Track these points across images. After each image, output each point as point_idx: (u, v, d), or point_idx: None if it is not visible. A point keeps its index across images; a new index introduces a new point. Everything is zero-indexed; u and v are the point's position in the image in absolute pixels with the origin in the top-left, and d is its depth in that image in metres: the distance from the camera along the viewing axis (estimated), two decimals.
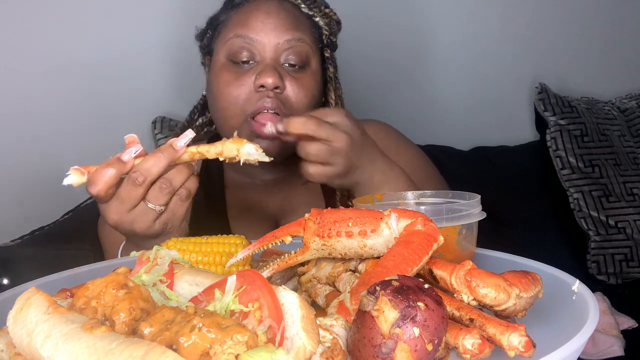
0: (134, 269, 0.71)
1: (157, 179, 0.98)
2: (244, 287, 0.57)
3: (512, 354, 0.58)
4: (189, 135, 0.97)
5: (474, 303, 0.65)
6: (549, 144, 2.24)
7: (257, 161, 0.98)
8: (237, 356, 0.47)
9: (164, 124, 2.05)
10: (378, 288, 0.55)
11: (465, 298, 0.65)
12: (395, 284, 0.56)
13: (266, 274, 0.79)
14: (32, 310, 0.54)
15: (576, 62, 2.60)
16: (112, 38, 2.06)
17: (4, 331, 0.61)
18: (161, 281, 0.67)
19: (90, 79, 2.04)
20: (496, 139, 2.42)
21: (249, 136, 1.25)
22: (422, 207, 0.89)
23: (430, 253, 0.68)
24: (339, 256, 0.75)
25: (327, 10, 1.42)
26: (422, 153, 1.60)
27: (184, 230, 1.07)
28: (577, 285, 0.75)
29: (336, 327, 0.59)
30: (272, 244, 0.80)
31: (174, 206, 1.01)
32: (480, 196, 0.93)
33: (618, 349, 1.62)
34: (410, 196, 1.02)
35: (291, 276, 0.87)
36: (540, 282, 0.69)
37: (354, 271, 0.77)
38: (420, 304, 0.54)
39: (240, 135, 1.17)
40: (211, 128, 1.55)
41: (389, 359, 0.53)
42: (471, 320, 0.62)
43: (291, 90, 1.28)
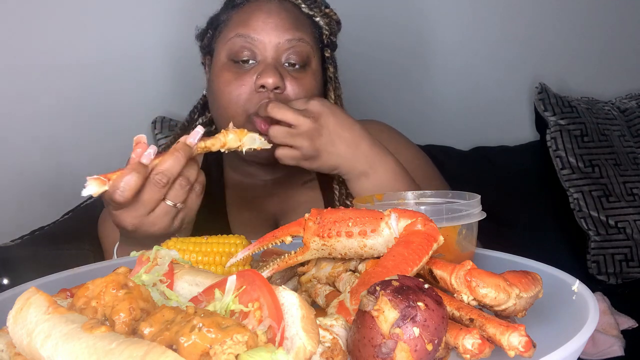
0: (134, 269, 0.71)
1: (177, 178, 1.00)
2: (244, 287, 0.57)
3: (512, 354, 0.58)
4: (200, 132, 1.01)
5: (474, 303, 0.65)
6: (549, 144, 2.23)
7: (259, 148, 1.05)
8: (237, 356, 0.47)
9: (164, 124, 2.05)
10: (378, 288, 0.55)
11: (465, 298, 0.65)
12: (395, 284, 0.56)
13: (266, 274, 0.79)
14: (32, 310, 0.54)
15: (576, 62, 2.60)
16: (112, 38, 2.06)
17: (4, 331, 0.61)
18: (161, 281, 0.67)
19: (90, 79, 2.04)
20: (496, 139, 2.42)
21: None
22: (422, 207, 0.89)
23: (430, 253, 0.68)
24: (339, 256, 0.75)
25: (327, 10, 1.42)
26: (422, 153, 1.60)
27: (191, 226, 1.10)
28: (577, 285, 0.75)
29: (336, 327, 0.59)
30: (272, 244, 0.80)
31: (190, 202, 1.04)
32: (480, 196, 0.93)
33: (618, 349, 1.62)
34: (410, 196, 1.02)
35: (291, 276, 0.87)
36: (540, 282, 0.69)
37: (354, 271, 0.77)
38: (420, 304, 0.54)
39: None
40: (211, 128, 1.55)
41: (389, 359, 0.53)
42: (471, 320, 0.62)
43: (292, 90, 1.28)
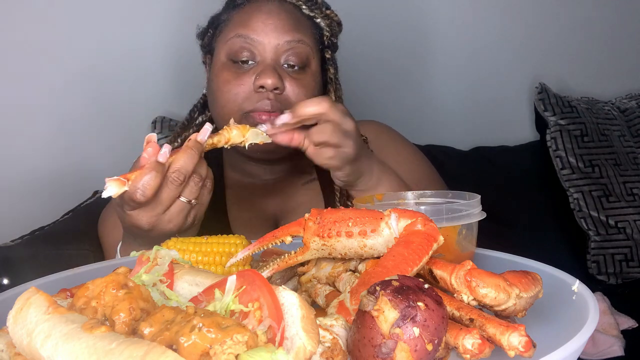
0: (134, 269, 0.71)
1: (191, 175, 1.01)
2: (244, 287, 0.56)
3: (512, 354, 0.58)
4: (209, 129, 1.03)
5: (474, 303, 0.65)
6: (549, 144, 2.23)
7: (262, 143, 1.07)
8: (237, 356, 0.47)
9: (164, 124, 2.05)
10: (378, 288, 0.55)
11: (465, 298, 0.65)
12: (395, 284, 0.56)
13: (266, 274, 0.79)
14: (32, 310, 0.54)
15: (576, 62, 2.60)
16: (112, 38, 2.06)
17: (4, 331, 0.61)
18: (161, 281, 0.67)
19: (90, 79, 2.04)
20: (496, 139, 2.42)
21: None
22: (422, 207, 0.89)
23: (430, 253, 0.68)
24: (339, 256, 0.75)
25: (328, 12, 1.42)
26: (420, 153, 1.60)
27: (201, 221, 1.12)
28: (577, 285, 0.75)
29: (336, 327, 0.59)
30: (272, 244, 0.80)
31: (202, 198, 1.06)
32: (480, 196, 0.93)
33: (618, 349, 1.62)
34: (410, 196, 1.02)
35: (291, 276, 0.87)
36: (540, 282, 0.69)
37: (354, 271, 0.77)
38: (420, 304, 0.54)
39: None
40: (212, 127, 1.55)
41: (389, 359, 0.53)
42: (471, 320, 0.62)
43: (291, 90, 1.29)
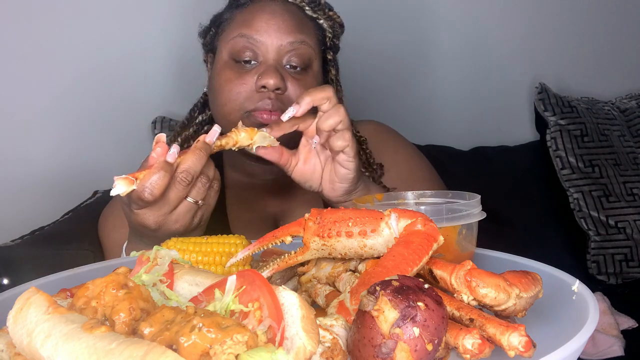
0: (134, 269, 0.71)
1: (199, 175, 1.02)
2: (244, 287, 0.56)
3: (512, 354, 0.58)
4: (217, 130, 1.04)
5: (474, 303, 0.65)
6: (549, 144, 2.23)
7: (269, 146, 1.09)
8: (237, 356, 0.47)
9: (164, 124, 2.05)
10: (378, 288, 0.55)
11: (465, 298, 0.65)
12: (395, 284, 0.56)
13: (266, 274, 0.79)
14: (32, 310, 0.54)
15: (576, 62, 2.60)
16: (113, 39, 2.06)
17: (4, 331, 0.61)
18: (161, 281, 0.67)
19: (91, 79, 2.04)
20: (496, 139, 2.42)
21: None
22: (422, 207, 0.89)
23: (430, 253, 0.68)
24: (339, 256, 0.75)
25: (331, 13, 1.42)
26: (420, 154, 1.59)
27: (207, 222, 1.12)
28: (577, 285, 0.75)
29: (336, 327, 0.59)
30: (272, 244, 0.80)
31: (209, 199, 1.06)
32: (480, 196, 0.92)
33: (618, 349, 1.62)
34: (410, 196, 1.01)
35: (291, 276, 0.87)
36: (540, 282, 0.69)
37: (354, 271, 0.77)
38: (420, 304, 0.54)
39: None
40: (211, 127, 1.55)
41: (389, 359, 0.53)
42: (471, 320, 0.62)
43: (293, 91, 1.29)
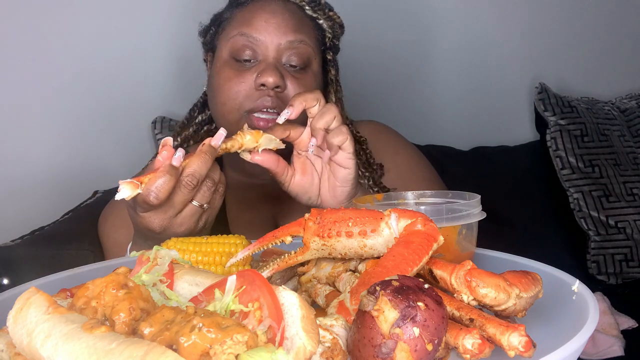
0: (134, 269, 0.71)
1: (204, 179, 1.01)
2: (244, 287, 0.56)
3: (512, 354, 0.58)
4: (223, 134, 1.03)
5: (474, 303, 0.65)
6: (549, 144, 2.23)
7: (275, 149, 1.08)
8: (237, 356, 0.47)
9: (164, 124, 2.05)
10: (378, 288, 0.55)
11: (465, 298, 0.65)
12: (395, 284, 0.56)
13: (266, 274, 0.79)
14: (32, 310, 0.54)
15: (576, 62, 2.60)
16: (113, 38, 2.06)
17: (4, 331, 0.61)
18: (161, 281, 0.67)
19: (91, 79, 2.04)
20: (496, 139, 2.42)
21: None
22: (422, 207, 0.89)
23: (430, 253, 0.68)
24: (339, 256, 0.75)
25: (331, 13, 1.42)
26: (420, 154, 1.59)
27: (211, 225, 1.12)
28: (577, 285, 0.75)
29: (336, 327, 0.59)
30: (272, 244, 0.80)
31: (214, 202, 1.06)
32: (480, 196, 0.92)
33: (618, 349, 1.62)
34: (410, 196, 1.01)
35: (291, 276, 0.87)
36: (540, 282, 0.69)
37: (354, 271, 0.77)
38: (420, 304, 0.54)
39: (239, 129, 1.20)
40: (211, 127, 1.55)
41: (389, 359, 0.53)
42: (471, 320, 0.62)
43: (292, 89, 1.29)
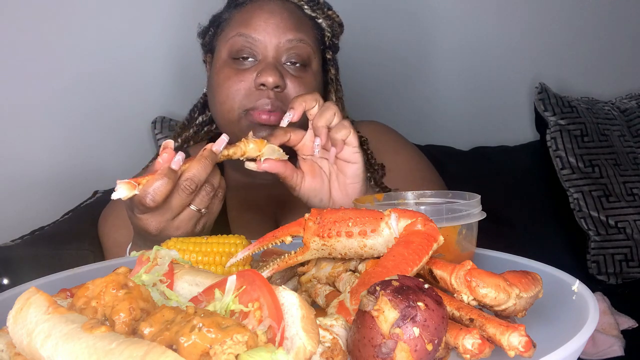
0: (134, 269, 0.71)
1: (203, 184, 1.01)
2: (244, 287, 0.56)
3: (512, 354, 0.58)
4: (225, 140, 1.02)
5: (474, 303, 0.65)
6: (549, 144, 2.23)
7: (278, 159, 1.06)
8: (237, 356, 0.47)
9: (164, 124, 2.05)
10: (378, 288, 0.55)
11: (465, 298, 0.65)
12: (395, 284, 0.56)
13: (266, 274, 0.79)
14: (32, 310, 0.54)
15: (576, 62, 2.60)
16: (113, 39, 2.06)
17: (4, 331, 0.61)
18: (161, 281, 0.67)
19: (91, 79, 2.04)
20: (496, 139, 2.42)
21: (249, 127, 1.27)
22: (422, 207, 0.89)
23: (430, 253, 0.68)
24: (339, 256, 0.75)
25: (330, 12, 1.42)
26: (420, 154, 1.59)
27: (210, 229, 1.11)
28: (577, 285, 0.75)
29: (336, 327, 0.59)
30: (272, 244, 0.80)
31: (213, 207, 1.05)
32: (480, 196, 0.92)
33: (618, 349, 1.62)
34: (410, 196, 1.01)
35: (291, 276, 0.87)
36: (540, 282, 0.69)
37: (354, 271, 0.77)
38: (420, 304, 0.54)
39: (239, 128, 1.20)
40: (211, 127, 1.55)
41: (389, 359, 0.53)
42: (471, 320, 0.62)
43: (292, 88, 1.29)
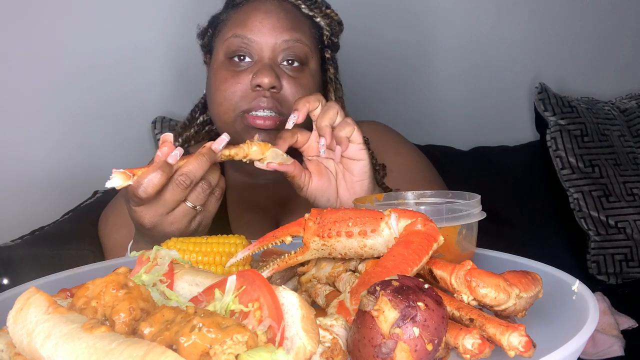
0: (134, 269, 0.71)
1: (199, 181, 1.01)
2: (244, 287, 0.56)
3: (512, 354, 0.58)
4: (225, 139, 1.02)
5: (474, 303, 0.65)
6: (549, 144, 2.23)
7: (281, 164, 1.05)
8: (237, 356, 0.47)
9: (164, 124, 2.05)
10: (378, 288, 0.55)
11: (465, 298, 0.65)
12: (395, 284, 0.56)
13: (266, 274, 0.79)
14: (32, 310, 0.54)
15: (576, 62, 2.60)
16: (113, 38, 2.06)
17: (4, 331, 0.61)
18: (161, 281, 0.67)
19: (91, 79, 2.04)
20: (496, 139, 2.42)
21: (244, 130, 1.27)
22: (422, 207, 0.89)
23: (430, 253, 0.68)
24: (339, 256, 0.75)
25: (328, 11, 1.42)
26: (421, 154, 1.59)
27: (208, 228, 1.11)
28: (577, 285, 0.75)
29: (336, 327, 0.59)
30: (272, 244, 0.80)
31: (209, 205, 1.05)
32: (480, 196, 0.92)
33: (618, 349, 1.62)
34: (410, 196, 1.01)
35: (291, 276, 0.87)
36: (540, 282, 0.69)
37: (354, 271, 0.77)
38: (420, 304, 0.54)
39: (235, 130, 1.19)
40: (212, 127, 1.55)
41: (389, 359, 0.53)
42: (471, 320, 0.62)
43: (288, 89, 1.28)
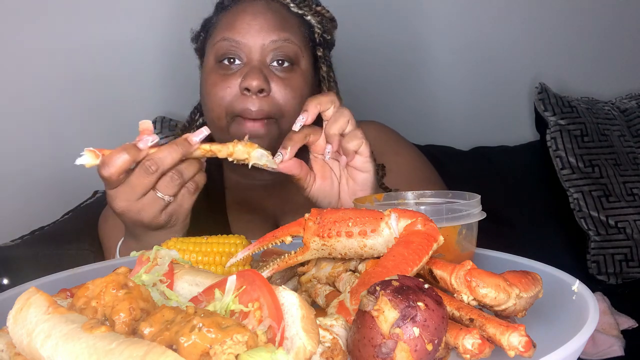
0: (134, 269, 0.71)
1: (169, 169, 1.00)
2: (244, 287, 0.57)
3: (512, 354, 0.58)
4: (205, 132, 1.02)
5: (474, 303, 0.65)
6: (549, 144, 2.23)
7: (265, 166, 1.02)
8: (237, 356, 0.47)
9: (164, 124, 2.05)
10: (378, 288, 0.55)
11: (465, 298, 0.65)
12: (395, 284, 0.56)
13: (266, 274, 0.79)
14: (32, 310, 0.54)
15: (576, 62, 2.60)
16: (113, 38, 2.06)
17: (4, 331, 0.61)
18: (161, 281, 0.67)
19: (90, 79, 2.05)
20: (496, 139, 2.42)
21: (236, 134, 1.26)
22: (422, 207, 0.89)
23: (430, 253, 0.68)
24: (339, 256, 0.75)
25: (318, 8, 1.40)
26: (420, 154, 1.59)
27: (186, 226, 1.10)
28: (577, 285, 0.75)
29: (336, 327, 0.59)
30: (272, 244, 0.80)
31: (181, 198, 1.04)
32: (480, 196, 0.92)
33: (618, 349, 1.62)
34: (410, 196, 1.01)
35: (291, 276, 0.87)
36: (540, 282, 0.69)
37: (354, 271, 0.77)
38: (420, 304, 0.54)
39: (230, 135, 1.19)
40: None
41: (389, 359, 0.53)
42: (471, 320, 0.62)
43: (278, 91, 1.27)
